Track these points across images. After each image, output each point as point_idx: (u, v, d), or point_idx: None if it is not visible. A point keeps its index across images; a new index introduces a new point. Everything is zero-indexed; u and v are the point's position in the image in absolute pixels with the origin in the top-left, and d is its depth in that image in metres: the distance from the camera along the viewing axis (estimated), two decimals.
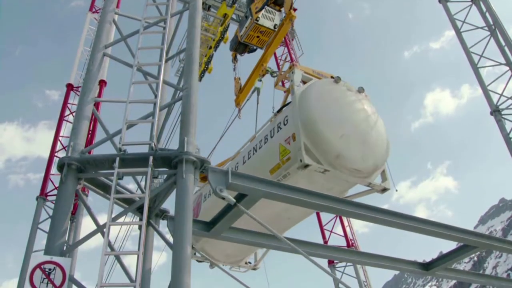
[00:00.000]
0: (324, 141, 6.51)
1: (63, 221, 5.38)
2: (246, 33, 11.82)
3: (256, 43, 11.99)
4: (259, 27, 11.40)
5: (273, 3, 11.27)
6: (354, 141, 6.73)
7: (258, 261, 10.33)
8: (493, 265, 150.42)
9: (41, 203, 15.45)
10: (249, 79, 11.84)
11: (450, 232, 7.12)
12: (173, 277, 4.71)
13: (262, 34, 11.54)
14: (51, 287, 4.94)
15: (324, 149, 6.53)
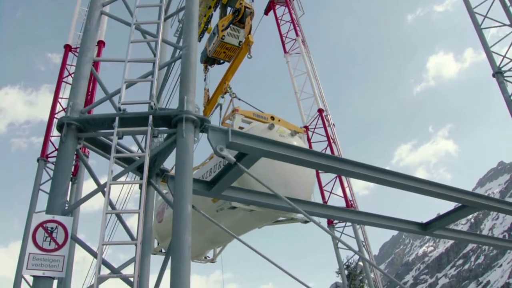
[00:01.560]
0: (250, 187, 7.33)
1: (64, 180, 5.40)
2: (213, 49, 12.75)
3: (224, 57, 12.88)
4: (225, 44, 12.31)
5: (238, 21, 12.09)
6: (278, 186, 7.54)
7: (215, 255, 11.62)
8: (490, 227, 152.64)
9: (42, 165, 15.56)
10: (214, 94, 12.69)
11: (449, 193, 7.18)
12: (174, 234, 4.77)
13: (228, 50, 12.45)
14: (54, 245, 5.01)
15: None
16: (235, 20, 12.06)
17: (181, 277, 4.52)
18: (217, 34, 12.22)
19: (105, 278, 4.97)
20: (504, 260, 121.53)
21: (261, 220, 8.65)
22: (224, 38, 12.11)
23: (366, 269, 16.91)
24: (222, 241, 10.43)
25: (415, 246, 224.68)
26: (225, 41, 12.20)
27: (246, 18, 12.00)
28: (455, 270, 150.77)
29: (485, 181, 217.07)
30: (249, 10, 12.07)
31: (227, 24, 12.13)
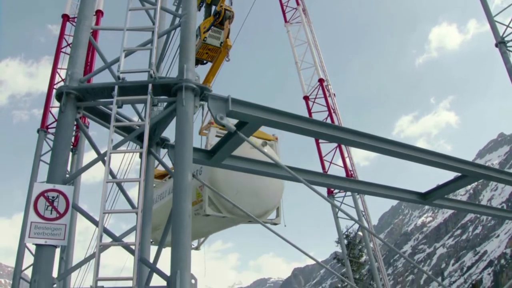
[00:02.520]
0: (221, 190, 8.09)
1: (64, 150, 5.39)
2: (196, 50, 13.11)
3: (206, 58, 13.20)
4: (207, 45, 12.71)
5: (219, 23, 12.62)
6: (247, 196, 8.51)
7: (199, 244, 12.21)
8: (488, 197, 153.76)
9: (42, 136, 15.57)
10: None
11: (448, 162, 7.19)
12: (175, 203, 4.79)
13: (211, 51, 12.85)
14: (55, 214, 5.03)
15: (222, 202, 8.41)
16: (216, 22, 12.57)
17: (182, 245, 4.57)
18: (199, 36, 12.60)
19: (107, 246, 5.01)
20: (502, 230, 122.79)
21: (234, 222, 9.39)
22: (206, 39, 12.59)
23: (365, 238, 17.09)
24: (206, 234, 10.94)
25: (414, 216, 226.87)
26: (207, 43, 12.63)
27: (225, 21, 12.53)
28: (453, 240, 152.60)
29: (484, 152, 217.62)
30: (229, 12, 12.60)
31: (208, 26, 12.60)
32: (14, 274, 13.04)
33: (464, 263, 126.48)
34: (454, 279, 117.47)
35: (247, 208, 8.16)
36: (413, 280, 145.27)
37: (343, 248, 18.36)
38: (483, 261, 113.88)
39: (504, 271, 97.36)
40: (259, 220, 6.55)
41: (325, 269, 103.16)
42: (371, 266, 16.68)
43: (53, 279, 4.83)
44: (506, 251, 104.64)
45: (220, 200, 8.38)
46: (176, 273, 4.39)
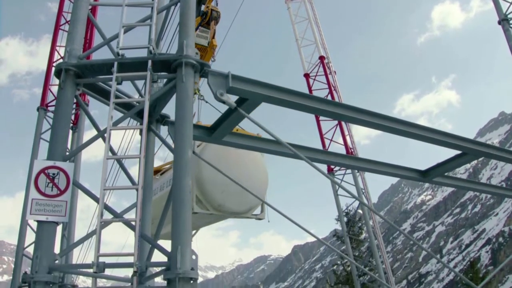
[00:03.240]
0: (209, 195, 8.67)
1: (64, 127, 5.38)
2: None
3: None
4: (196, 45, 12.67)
5: (206, 23, 12.85)
6: (232, 194, 8.84)
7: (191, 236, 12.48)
8: (488, 176, 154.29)
9: (42, 114, 15.53)
10: None
11: (449, 140, 7.17)
12: (175, 179, 4.80)
13: (199, 50, 12.84)
14: (56, 191, 5.05)
15: (209, 201, 8.76)
16: (203, 23, 12.74)
17: (183, 221, 4.59)
18: None
19: (108, 223, 5.04)
20: (500, 209, 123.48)
21: (221, 217, 9.79)
22: None
23: (365, 216, 17.17)
24: (195, 228, 11.16)
25: (414, 194, 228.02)
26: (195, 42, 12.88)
27: (211, 21, 12.72)
28: (452, 218, 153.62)
29: (485, 131, 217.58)
30: (215, 13, 12.78)
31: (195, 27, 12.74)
32: (17, 252, 13.15)
33: (463, 241, 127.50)
34: (452, 257, 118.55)
35: (233, 205, 9.06)
36: (412, 258, 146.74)
37: (342, 225, 18.46)
38: (482, 239, 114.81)
39: (502, 249, 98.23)
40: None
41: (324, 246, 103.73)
42: (370, 243, 16.79)
43: (55, 255, 4.87)
44: (505, 229, 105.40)
45: (206, 198, 8.72)
46: (177, 249, 4.42)
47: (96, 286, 4.60)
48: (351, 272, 19.84)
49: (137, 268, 4.49)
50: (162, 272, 4.65)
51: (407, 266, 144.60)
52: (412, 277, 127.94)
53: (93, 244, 4.79)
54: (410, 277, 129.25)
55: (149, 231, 5.95)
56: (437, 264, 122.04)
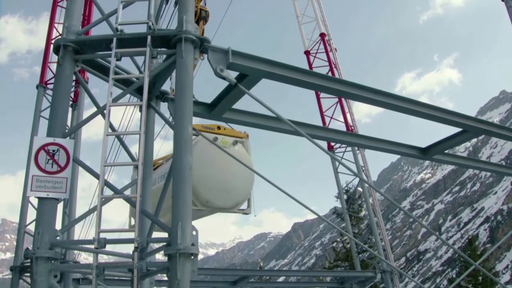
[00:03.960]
0: (196, 192, 8.87)
1: (63, 103, 5.36)
2: None
3: None
4: None
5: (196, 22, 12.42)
6: (219, 191, 9.32)
7: None
8: (488, 155, 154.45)
9: (41, 92, 15.43)
10: None
11: (450, 117, 7.15)
12: (175, 156, 4.79)
13: None
14: (56, 168, 5.05)
15: (197, 197, 9.03)
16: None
17: (183, 197, 4.60)
18: None
19: (108, 199, 5.05)
20: (499, 187, 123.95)
21: (209, 212, 10.12)
22: None
23: (365, 193, 17.22)
24: None
25: (413, 173, 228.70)
26: None
27: (200, 21, 12.68)
28: (451, 197, 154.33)
29: (485, 109, 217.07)
30: (204, 12, 12.84)
31: None
32: (19, 229, 13.21)
33: (461, 219, 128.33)
34: (451, 235, 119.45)
35: (220, 201, 9.50)
36: (411, 235, 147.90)
37: (342, 203, 18.54)
38: (480, 217, 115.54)
39: (500, 227, 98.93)
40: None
41: (324, 224, 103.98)
42: (370, 221, 16.88)
43: (56, 231, 4.89)
44: (503, 207, 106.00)
45: (194, 195, 8.79)
46: (177, 224, 4.44)
47: (97, 262, 4.63)
48: (351, 249, 20.04)
49: (138, 243, 4.52)
50: (162, 248, 4.69)
51: (406, 243, 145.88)
52: (410, 255, 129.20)
53: (94, 222, 4.81)
54: (408, 254, 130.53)
55: (150, 207, 5.97)
56: (435, 242, 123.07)
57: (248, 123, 6.57)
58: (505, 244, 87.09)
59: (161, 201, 5.51)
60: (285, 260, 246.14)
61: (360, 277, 15.76)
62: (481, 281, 27.07)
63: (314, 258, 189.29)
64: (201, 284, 18.24)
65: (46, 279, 4.67)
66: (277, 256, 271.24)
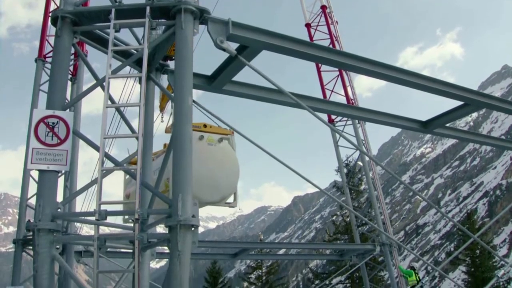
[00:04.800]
0: None
1: (62, 75, 5.33)
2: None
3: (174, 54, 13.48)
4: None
5: None
6: (206, 187, 9.52)
7: None
8: (488, 130, 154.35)
9: (40, 65, 15.29)
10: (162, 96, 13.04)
11: (451, 90, 7.11)
12: (175, 127, 4.78)
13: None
14: (56, 140, 5.04)
15: None
16: None
17: (183, 169, 4.60)
18: None
19: (109, 171, 5.06)
20: (499, 162, 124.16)
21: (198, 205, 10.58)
22: None
23: (365, 167, 17.24)
24: None
25: (413, 147, 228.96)
26: None
27: None
28: (451, 171, 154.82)
29: (487, 84, 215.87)
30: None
31: None
32: (20, 203, 13.26)
33: (460, 193, 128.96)
34: (450, 209, 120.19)
35: (206, 196, 9.71)
36: (410, 209, 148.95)
37: (342, 176, 18.57)
38: (479, 192, 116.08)
39: (498, 202, 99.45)
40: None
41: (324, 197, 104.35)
42: (370, 194, 16.94)
43: (58, 203, 4.91)
44: (502, 182, 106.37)
45: None
46: (178, 196, 4.46)
47: (98, 233, 4.66)
48: (350, 223, 20.21)
49: (138, 215, 4.54)
50: (163, 219, 4.71)
51: (405, 217, 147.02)
52: (409, 228, 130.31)
53: (95, 195, 4.83)
54: (407, 228, 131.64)
55: (150, 179, 5.98)
56: (434, 216, 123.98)
57: (249, 95, 6.53)
58: (503, 218, 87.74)
59: (161, 174, 5.51)
60: (285, 233, 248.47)
61: (359, 249, 15.93)
62: (479, 255, 27.34)
63: (314, 231, 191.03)
64: (202, 256, 18.50)
65: (48, 250, 4.70)
66: (277, 230, 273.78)
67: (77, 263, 13.09)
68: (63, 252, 11.69)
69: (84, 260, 12.77)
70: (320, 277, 32.03)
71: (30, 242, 11.50)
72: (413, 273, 16.18)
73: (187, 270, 4.43)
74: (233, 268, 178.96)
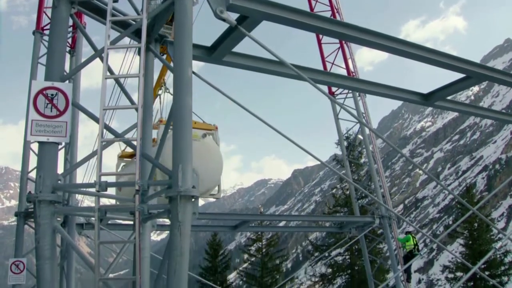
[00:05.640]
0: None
1: (60, 46, 5.27)
2: None
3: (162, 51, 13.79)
4: None
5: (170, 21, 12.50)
6: None
7: None
8: (489, 104, 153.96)
9: (38, 37, 15.15)
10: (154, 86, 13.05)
11: (454, 63, 7.04)
12: (175, 98, 4.74)
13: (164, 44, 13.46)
14: (55, 112, 5.02)
15: None
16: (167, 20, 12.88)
17: (184, 140, 4.58)
18: None
19: (109, 142, 5.05)
20: (499, 136, 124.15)
21: None
22: None
23: (365, 140, 17.21)
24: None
25: (414, 121, 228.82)
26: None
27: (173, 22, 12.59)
28: (451, 145, 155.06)
29: (489, 58, 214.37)
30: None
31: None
32: (21, 176, 13.31)
33: (460, 167, 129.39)
34: (449, 183, 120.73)
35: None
36: (409, 183, 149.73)
37: (342, 149, 18.55)
38: (478, 166, 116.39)
39: (497, 176, 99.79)
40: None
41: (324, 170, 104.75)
42: (369, 167, 16.97)
43: (58, 175, 4.92)
44: (502, 156, 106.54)
45: None
46: (178, 167, 4.46)
47: (99, 204, 4.67)
48: (350, 195, 20.31)
49: (139, 186, 4.55)
50: (163, 191, 4.72)
51: (404, 191, 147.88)
52: (408, 202, 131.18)
53: (96, 169, 4.83)
54: (407, 201, 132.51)
55: (150, 150, 5.98)
56: (433, 189, 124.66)
57: (249, 66, 6.46)
58: (501, 192, 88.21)
59: (161, 145, 5.51)
60: (285, 206, 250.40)
61: (359, 222, 16.06)
62: (477, 228, 27.57)
63: (314, 204, 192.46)
64: (203, 228, 18.68)
65: (49, 222, 4.73)
66: (277, 202, 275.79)
67: (79, 236, 13.22)
68: (64, 225, 11.79)
69: (86, 233, 12.90)
70: (319, 249, 32.33)
71: (32, 215, 11.59)
72: (410, 238, 16.30)
73: (188, 240, 4.47)
74: (233, 240, 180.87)
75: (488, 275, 23.74)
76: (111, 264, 5.71)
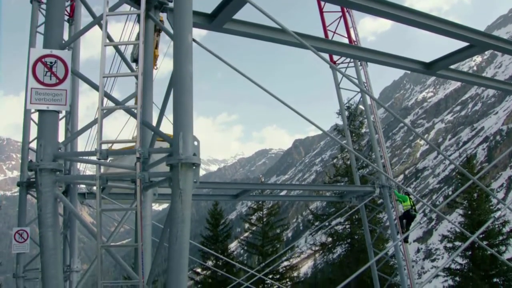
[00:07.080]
0: None
1: (58, 13, 5.17)
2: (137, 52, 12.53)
3: None
4: None
5: None
6: None
7: None
8: (492, 74, 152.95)
9: (36, 6, 14.94)
10: None
11: (457, 31, 6.96)
12: (176, 66, 4.69)
13: None
14: (55, 80, 4.97)
15: None
16: None
17: (184, 107, 4.55)
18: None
19: (110, 110, 5.02)
20: (501, 107, 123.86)
21: None
22: None
23: (366, 110, 17.14)
24: None
25: (415, 91, 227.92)
26: None
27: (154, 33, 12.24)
28: (452, 116, 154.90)
29: (492, 28, 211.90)
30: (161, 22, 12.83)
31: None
32: (22, 146, 13.33)
33: (461, 138, 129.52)
34: (449, 153, 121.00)
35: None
36: (410, 153, 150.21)
37: (343, 118, 18.49)
38: (479, 137, 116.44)
39: (498, 147, 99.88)
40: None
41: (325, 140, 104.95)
42: (370, 137, 16.94)
43: (59, 143, 4.91)
44: (503, 127, 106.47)
45: None
46: (179, 135, 4.44)
47: (100, 172, 4.68)
48: (351, 165, 20.34)
49: (140, 154, 4.54)
50: (164, 159, 4.72)
51: (404, 161, 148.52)
52: (409, 172, 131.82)
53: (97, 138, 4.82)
54: (407, 172, 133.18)
55: (151, 118, 5.95)
56: (433, 160, 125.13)
57: (251, 34, 6.36)
58: (502, 164, 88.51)
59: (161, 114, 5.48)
60: (285, 176, 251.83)
61: (359, 191, 16.13)
62: (476, 198, 27.69)
63: (314, 174, 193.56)
64: (204, 197, 18.78)
65: (51, 190, 4.74)
66: (278, 172, 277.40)
67: (81, 206, 13.31)
68: (66, 194, 11.86)
69: (88, 202, 12.97)
70: (320, 219, 32.57)
71: (34, 185, 11.67)
72: (407, 198, 16.30)
73: (189, 208, 4.49)
74: (234, 210, 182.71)
75: (486, 245, 23.98)
76: (113, 231, 5.77)
